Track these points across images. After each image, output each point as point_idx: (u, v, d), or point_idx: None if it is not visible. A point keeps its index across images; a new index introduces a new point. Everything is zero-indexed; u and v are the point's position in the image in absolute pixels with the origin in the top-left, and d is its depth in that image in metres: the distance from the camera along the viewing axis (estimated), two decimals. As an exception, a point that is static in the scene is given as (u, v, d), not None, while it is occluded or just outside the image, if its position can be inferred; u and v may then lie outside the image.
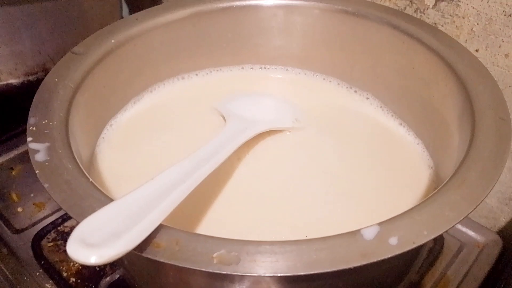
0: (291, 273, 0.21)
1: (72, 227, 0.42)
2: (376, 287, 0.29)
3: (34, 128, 0.29)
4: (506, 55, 0.39)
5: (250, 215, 0.33)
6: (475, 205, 0.24)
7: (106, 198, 0.25)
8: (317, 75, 0.46)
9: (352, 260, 0.22)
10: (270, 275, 0.21)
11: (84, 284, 0.38)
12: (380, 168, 0.37)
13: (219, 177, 0.35)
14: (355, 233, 0.23)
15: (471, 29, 0.40)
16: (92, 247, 0.20)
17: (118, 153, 0.37)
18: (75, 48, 0.36)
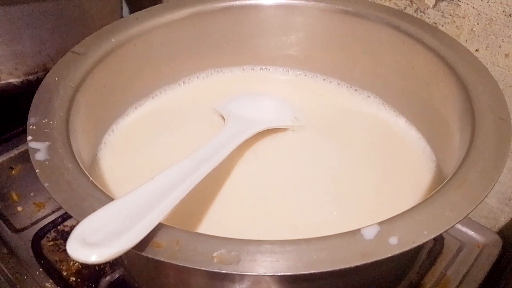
0: (291, 273, 0.21)
1: (72, 227, 0.42)
2: (376, 287, 0.29)
3: (34, 127, 0.29)
4: (506, 55, 0.39)
5: (250, 215, 0.33)
6: (475, 205, 0.24)
7: (106, 198, 0.25)
8: (317, 76, 0.46)
9: (352, 259, 0.22)
10: (270, 274, 0.21)
11: (84, 284, 0.38)
12: (382, 166, 0.37)
13: (219, 176, 0.35)
14: (355, 232, 0.23)
15: (471, 29, 0.40)
16: (92, 246, 0.20)
17: (120, 158, 0.37)
18: (75, 48, 0.36)
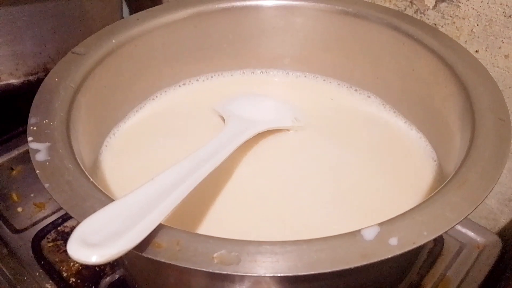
0: (291, 273, 0.21)
1: (72, 227, 0.42)
2: (376, 287, 0.29)
3: (35, 128, 0.29)
4: (506, 56, 0.39)
5: (251, 215, 0.33)
6: (475, 206, 0.24)
7: (107, 198, 0.25)
8: (317, 77, 0.46)
9: (353, 260, 0.22)
10: (271, 275, 0.21)
11: (84, 284, 0.38)
12: (383, 166, 0.37)
13: (219, 177, 0.35)
14: (355, 233, 0.23)
15: (471, 30, 0.40)
16: (93, 247, 0.20)
17: (121, 160, 0.37)
18: (75, 48, 0.36)
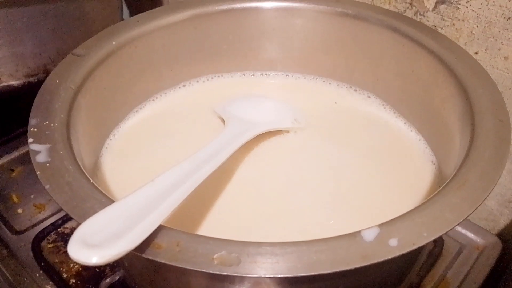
0: (291, 274, 0.21)
1: (72, 229, 0.42)
2: (376, 288, 0.29)
3: (35, 129, 0.29)
4: (506, 57, 0.39)
5: (251, 216, 0.33)
6: (475, 207, 0.24)
7: (107, 200, 0.25)
8: (316, 78, 0.46)
9: (352, 261, 0.22)
10: (271, 276, 0.21)
11: (84, 286, 0.38)
12: (383, 167, 0.37)
13: (220, 178, 0.35)
14: (355, 234, 0.23)
15: (471, 31, 0.40)
16: (93, 248, 0.20)
17: (122, 162, 0.37)
18: (76, 50, 0.36)
